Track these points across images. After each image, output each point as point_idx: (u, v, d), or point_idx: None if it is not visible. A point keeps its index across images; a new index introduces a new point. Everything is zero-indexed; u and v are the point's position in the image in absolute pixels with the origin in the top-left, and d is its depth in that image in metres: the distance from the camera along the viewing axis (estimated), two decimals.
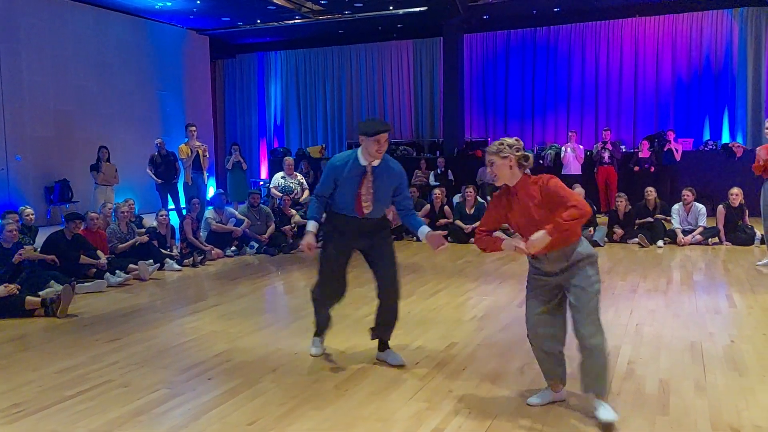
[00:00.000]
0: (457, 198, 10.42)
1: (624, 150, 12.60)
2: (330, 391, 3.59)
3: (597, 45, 14.11)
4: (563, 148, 12.35)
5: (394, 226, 4.12)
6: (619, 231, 8.96)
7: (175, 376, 3.89)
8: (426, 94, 15.75)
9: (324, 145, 16.01)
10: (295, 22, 14.39)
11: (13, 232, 6.22)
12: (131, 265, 7.00)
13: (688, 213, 8.91)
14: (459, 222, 9.43)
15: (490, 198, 11.66)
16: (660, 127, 13.39)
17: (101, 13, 12.89)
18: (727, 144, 12.25)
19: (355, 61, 16.30)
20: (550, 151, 12.93)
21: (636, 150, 12.33)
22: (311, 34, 15.67)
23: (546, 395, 3.34)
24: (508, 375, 3.80)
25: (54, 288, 5.79)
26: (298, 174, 10.62)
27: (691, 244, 8.62)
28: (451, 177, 12.89)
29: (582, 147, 12.32)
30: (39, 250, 6.70)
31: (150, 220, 9.02)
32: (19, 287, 5.54)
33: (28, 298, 5.42)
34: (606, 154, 11.87)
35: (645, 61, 13.72)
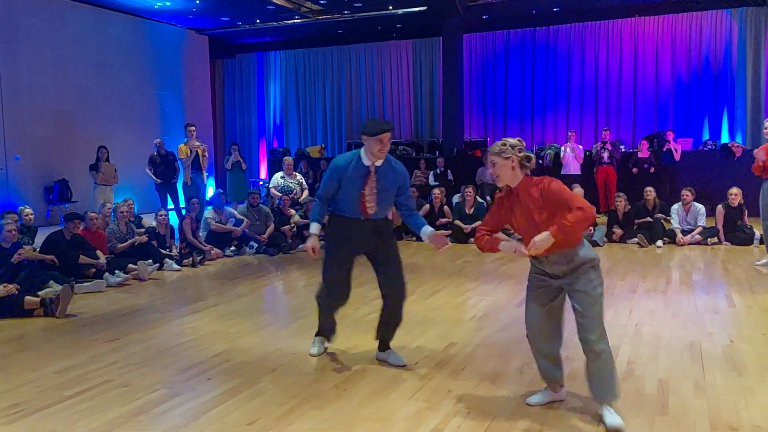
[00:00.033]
0: (456, 198, 10.42)
1: (623, 150, 12.60)
2: (330, 390, 3.59)
3: (596, 45, 14.12)
4: (563, 148, 12.36)
5: (393, 226, 4.10)
6: (618, 231, 8.97)
7: (175, 376, 3.89)
8: (425, 94, 15.76)
9: (323, 145, 16.01)
10: (295, 21, 14.40)
11: (12, 232, 6.22)
12: (130, 265, 7.00)
13: (687, 213, 8.91)
14: (458, 222, 9.43)
15: (489, 198, 11.69)
16: (659, 127, 13.39)
17: (101, 12, 12.88)
18: (726, 144, 12.26)
19: (354, 61, 16.30)
20: (549, 151, 12.93)
21: (635, 150, 12.33)
22: (311, 33, 15.68)
23: (545, 395, 3.34)
24: (508, 375, 3.80)
25: (53, 288, 5.79)
26: (297, 174, 10.63)
27: (690, 244, 8.62)
28: (450, 177, 12.90)
29: (581, 147, 12.33)
30: (38, 250, 6.70)
31: (149, 220, 9.01)
32: (18, 287, 5.54)
33: (27, 298, 5.42)
34: (605, 154, 11.87)
35: (644, 61, 13.73)
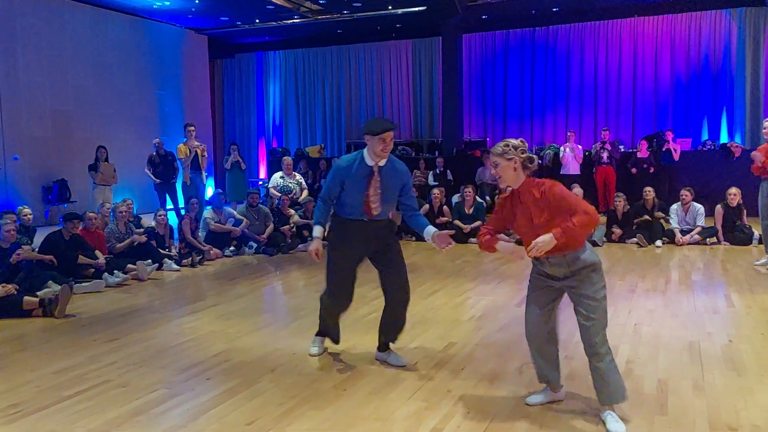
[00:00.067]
0: (456, 198, 10.42)
1: (623, 150, 12.60)
2: (329, 390, 3.59)
3: (596, 45, 14.12)
4: (562, 148, 12.36)
5: (396, 227, 4.09)
6: (617, 231, 8.97)
7: (174, 376, 3.89)
8: (425, 94, 15.76)
9: (323, 145, 16.00)
10: (294, 21, 14.39)
11: (11, 232, 6.22)
12: (129, 266, 6.99)
13: (686, 213, 8.92)
14: (458, 222, 9.43)
15: (489, 198, 11.70)
16: (658, 127, 13.40)
17: (100, 12, 12.87)
18: (725, 144, 12.25)
19: (354, 61, 16.30)
20: (549, 151, 12.93)
21: (634, 150, 12.34)
22: (310, 33, 15.67)
23: (545, 395, 3.34)
24: (507, 375, 3.80)
25: (52, 288, 5.79)
26: (296, 174, 10.62)
27: (689, 244, 8.63)
28: (450, 177, 12.90)
29: (581, 147, 12.32)
30: (37, 250, 6.69)
31: (148, 220, 9.01)
32: (17, 287, 5.53)
33: (26, 298, 5.42)
34: (605, 154, 11.87)
35: (644, 61, 13.74)
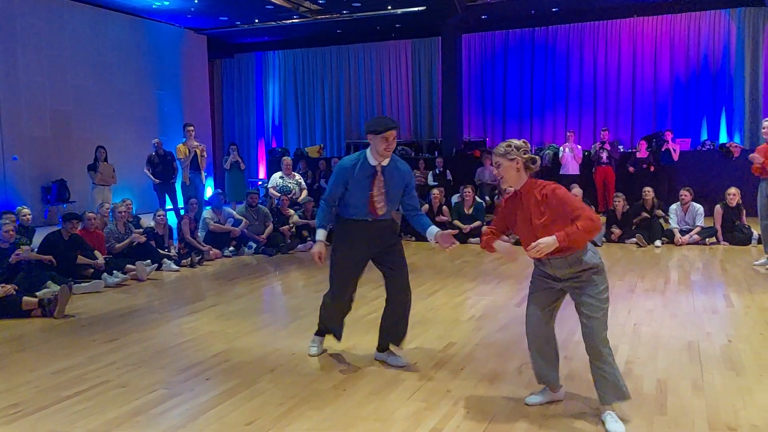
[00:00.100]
0: (455, 198, 10.43)
1: (622, 150, 12.61)
2: (328, 391, 3.59)
3: (595, 45, 14.13)
4: (561, 148, 12.36)
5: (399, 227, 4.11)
6: (617, 231, 8.97)
7: (173, 376, 3.89)
8: (424, 94, 15.76)
9: (322, 145, 16.00)
10: (293, 21, 14.39)
11: (10, 233, 6.22)
12: (129, 266, 6.99)
13: (685, 213, 8.92)
14: (457, 222, 9.43)
15: (488, 198, 11.70)
16: (658, 127, 13.40)
17: (99, 12, 12.87)
18: (724, 144, 12.27)
19: (353, 61, 16.30)
20: (548, 151, 12.94)
21: (634, 150, 12.34)
22: (309, 33, 15.67)
23: (544, 395, 3.34)
24: (506, 375, 3.80)
25: (51, 288, 5.79)
26: (296, 174, 10.62)
27: (688, 244, 8.63)
28: (449, 177, 12.90)
29: (580, 147, 12.33)
30: (36, 250, 6.68)
31: (148, 221, 9.00)
32: (16, 287, 5.53)
33: (25, 298, 5.41)
34: (604, 154, 11.87)
35: (643, 61, 13.75)
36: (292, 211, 9.45)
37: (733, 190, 8.68)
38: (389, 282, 3.93)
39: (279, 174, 10.26)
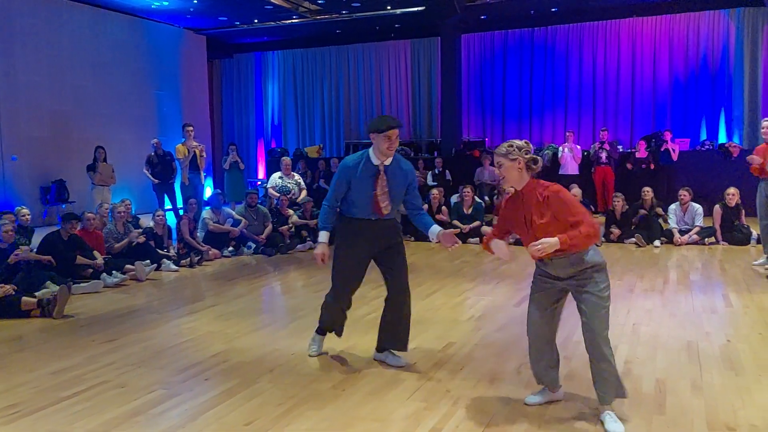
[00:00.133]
0: (454, 198, 10.43)
1: (621, 150, 12.62)
2: (328, 391, 3.59)
3: (594, 45, 14.13)
4: (561, 149, 12.36)
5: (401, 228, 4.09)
6: (616, 231, 8.98)
7: (172, 376, 3.88)
8: (424, 94, 15.76)
9: (321, 145, 16.00)
10: (293, 21, 14.39)
11: (9, 233, 6.21)
12: (128, 266, 6.99)
13: (684, 213, 8.93)
14: (456, 222, 9.44)
15: (487, 198, 11.70)
16: (657, 127, 13.41)
17: (98, 12, 12.86)
18: (723, 144, 12.28)
19: (352, 61, 16.30)
20: (547, 151, 12.94)
21: (633, 150, 12.35)
22: (309, 33, 15.67)
23: (543, 395, 3.34)
24: (506, 375, 3.80)
25: (50, 288, 5.78)
26: (295, 174, 10.62)
27: (687, 244, 8.63)
28: (448, 177, 12.90)
29: (579, 147, 12.33)
30: (35, 250, 6.68)
31: (147, 221, 9.00)
32: (16, 288, 5.53)
33: (24, 298, 5.41)
34: (603, 154, 11.88)
35: (642, 62, 13.75)
36: (291, 212, 9.45)
37: (732, 190, 8.69)
38: (389, 282, 3.92)
39: (278, 174, 10.26)
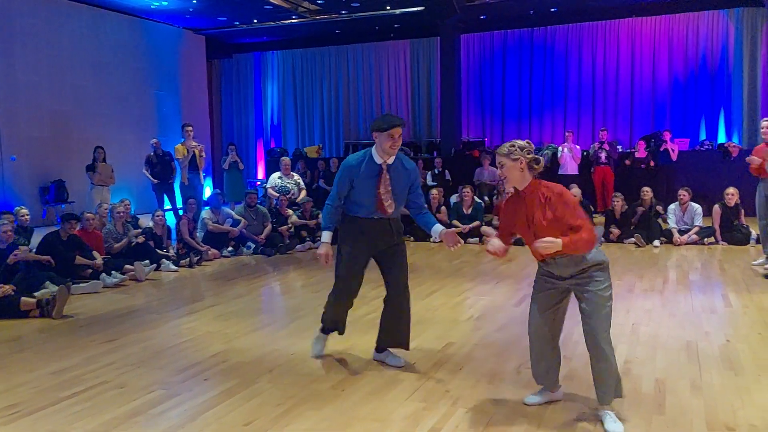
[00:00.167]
0: (454, 198, 10.43)
1: (620, 150, 12.62)
2: (327, 391, 3.59)
3: (594, 45, 14.14)
4: (560, 149, 12.36)
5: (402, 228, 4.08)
6: (615, 231, 8.98)
7: (172, 376, 3.88)
8: (423, 94, 15.76)
9: (321, 145, 16.00)
10: (292, 21, 14.39)
11: (8, 233, 6.20)
12: (127, 266, 6.98)
13: (684, 213, 8.93)
14: (456, 222, 9.44)
15: (487, 198, 11.70)
16: (656, 127, 13.41)
17: (98, 12, 12.86)
18: (723, 144, 12.28)
19: (352, 61, 16.30)
20: (547, 151, 12.93)
21: (632, 150, 12.36)
22: (308, 33, 15.67)
23: (543, 395, 3.34)
24: (505, 375, 3.80)
25: (49, 289, 5.78)
26: (294, 174, 10.62)
27: (687, 244, 8.64)
28: (448, 177, 12.90)
29: (579, 147, 12.33)
30: (34, 250, 6.68)
31: (146, 221, 8.99)
32: (15, 288, 5.52)
33: (23, 299, 5.41)
34: (603, 154, 11.88)
35: (641, 62, 13.76)
36: (290, 212, 9.45)
37: (731, 190, 8.69)
38: (389, 282, 3.91)
39: (278, 174, 10.26)
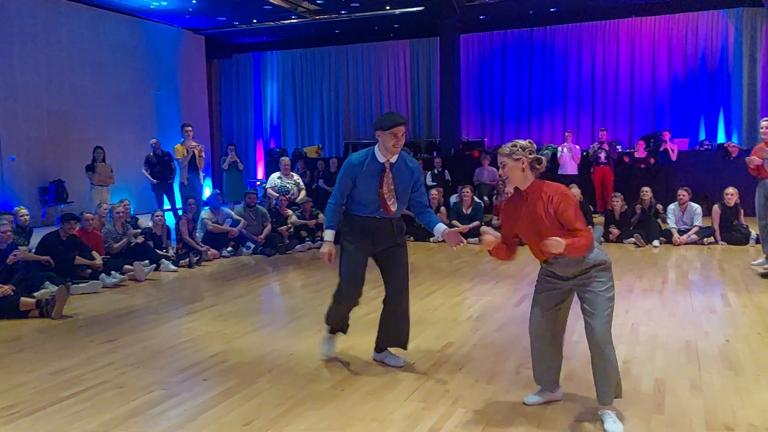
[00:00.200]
0: (453, 198, 10.43)
1: (620, 150, 12.63)
2: (327, 391, 3.59)
3: (593, 45, 14.14)
4: (560, 149, 12.36)
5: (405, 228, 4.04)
6: (615, 231, 8.98)
7: (171, 377, 3.88)
8: (423, 94, 15.76)
9: (320, 145, 16.00)
10: (292, 21, 14.39)
11: (8, 233, 6.20)
12: (127, 266, 6.98)
13: (683, 213, 8.94)
14: (455, 222, 9.44)
15: (486, 198, 11.70)
16: (656, 127, 13.42)
17: (97, 12, 12.86)
18: (722, 144, 12.29)
19: (351, 61, 16.30)
20: (546, 151, 12.89)
21: (632, 150, 12.36)
22: (308, 33, 15.67)
23: (542, 395, 3.34)
24: (504, 375, 3.80)
25: (49, 289, 5.78)
26: (294, 174, 10.62)
27: (686, 244, 8.64)
28: (448, 177, 12.90)
29: (578, 147, 12.33)
30: (34, 250, 6.68)
31: (146, 221, 8.99)
32: (14, 288, 5.52)
33: (22, 299, 5.41)
34: (602, 154, 11.88)
35: (641, 62, 13.76)
36: (290, 212, 9.45)
37: (731, 190, 8.69)
38: (389, 281, 3.89)
39: (277, 174, 10.26)
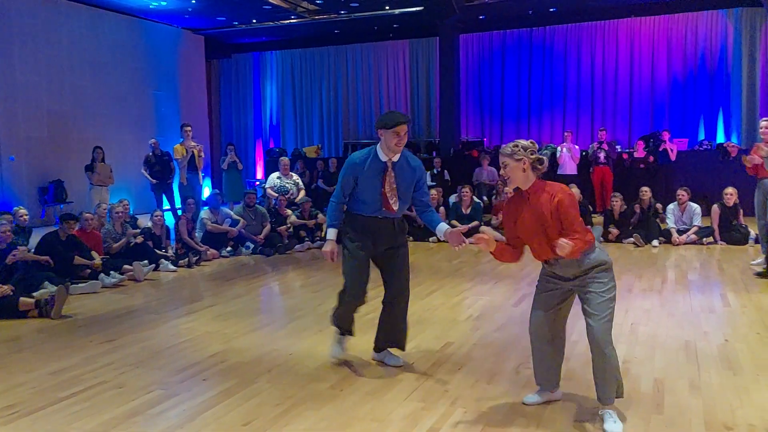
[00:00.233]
0: (453, 198, 10.43)
1: (619, 150, 12.64)
2: (326, 391, 3.59)
3: (592, 45, 14.15)
4: (559, 149, 12.37)
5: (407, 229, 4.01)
6: (614, 231, 8.98)
7: (170, 377, 3.88)
8: (422, 94, 15.77)
9: (320, 145, 16.00)
10: (291, 21, 14.39)
11: (7, 233, 6.20)
12: (126, 266, 6.98)
13: (682, 212, 8.94)
14: (455, 222, 9.44)
15: (486, 198, 11.71)
16: (655, 127, 13.43)
17: (96, 13, 12.86)
18: (722, 144, 12.29)
19: (351, 61, 16.30)
20: (546, 151, 12.90)
21: (631, 150, 12.37)
22: (307, 33, 15.67)
23: (542, 395, 3.34)
24: (504, 374, 3.80)
25: (48, 289, 5.77)
26: (293, 174, 10.62)
27: (685, 244, 8.64)
28: (447, 177, 12.90)
29: (578, 147, 12.35)
30: (33, 250, 6.68)
31: (145, 221, 8.99)
32: (13, 288, 5.52)
33: (22, 299, 5.40)
34: (602, 154, 11.89)
35: (640, 61, 13.77)
36: (289, 212, 9.45)
37: (730, 190, 8.70)
38: (389, 281, 3.88)
39: (276, 174, 10.26)
